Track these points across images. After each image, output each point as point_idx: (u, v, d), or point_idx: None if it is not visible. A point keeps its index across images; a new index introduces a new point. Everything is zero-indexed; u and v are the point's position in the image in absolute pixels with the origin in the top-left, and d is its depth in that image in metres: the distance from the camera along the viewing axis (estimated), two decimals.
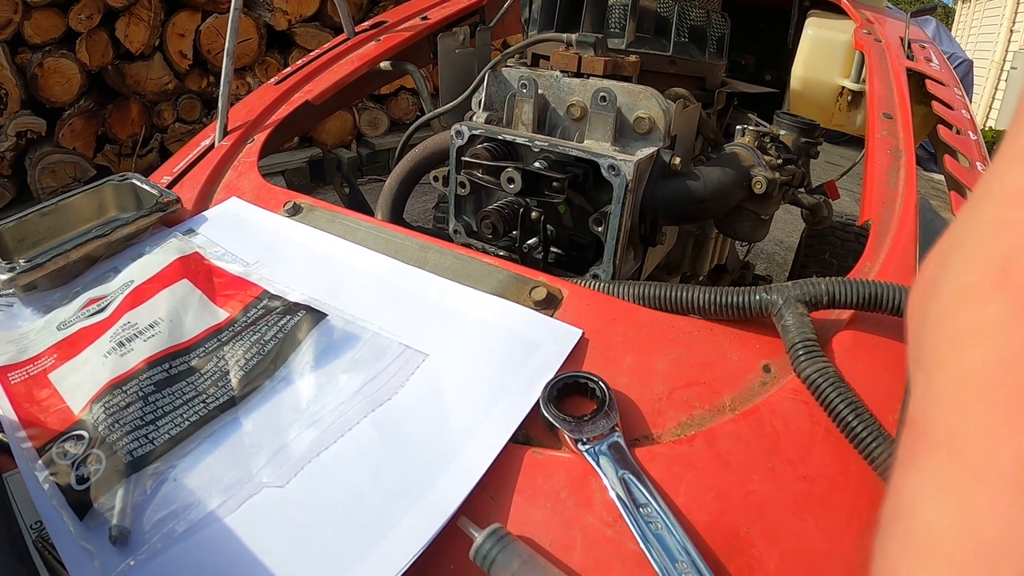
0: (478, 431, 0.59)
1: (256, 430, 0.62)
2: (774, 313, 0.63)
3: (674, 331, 0.67)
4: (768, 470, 0.56)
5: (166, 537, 0.54)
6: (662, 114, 0.87)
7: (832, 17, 1.51)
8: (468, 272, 0.78)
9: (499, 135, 0.89)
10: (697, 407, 0.61)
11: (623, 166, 0.80)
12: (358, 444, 0.60)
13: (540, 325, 0.69)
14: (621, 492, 0.54)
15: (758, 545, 0.52)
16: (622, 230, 0.83)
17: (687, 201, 0.90)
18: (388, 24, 1.54)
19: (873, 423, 0.53)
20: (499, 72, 0.99)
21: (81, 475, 0.58)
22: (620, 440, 0.57)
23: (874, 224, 0.80)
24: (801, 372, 0.58)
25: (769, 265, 3.42)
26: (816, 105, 1.47)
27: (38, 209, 0.96)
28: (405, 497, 0.55)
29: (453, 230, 0.98)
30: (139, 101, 3.57)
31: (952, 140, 1.06)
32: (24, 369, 0.73)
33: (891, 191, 0.86)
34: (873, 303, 0.61)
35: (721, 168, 0.94)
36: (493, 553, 0.51)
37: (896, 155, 0.94)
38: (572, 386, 0.62)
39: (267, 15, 3.76)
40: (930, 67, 1.33)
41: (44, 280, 0.86)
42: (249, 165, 1.11)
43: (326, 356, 0.69)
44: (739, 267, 1.86)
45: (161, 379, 0.67)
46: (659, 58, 1.09)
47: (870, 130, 1.02)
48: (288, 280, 0.81)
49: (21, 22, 3.03)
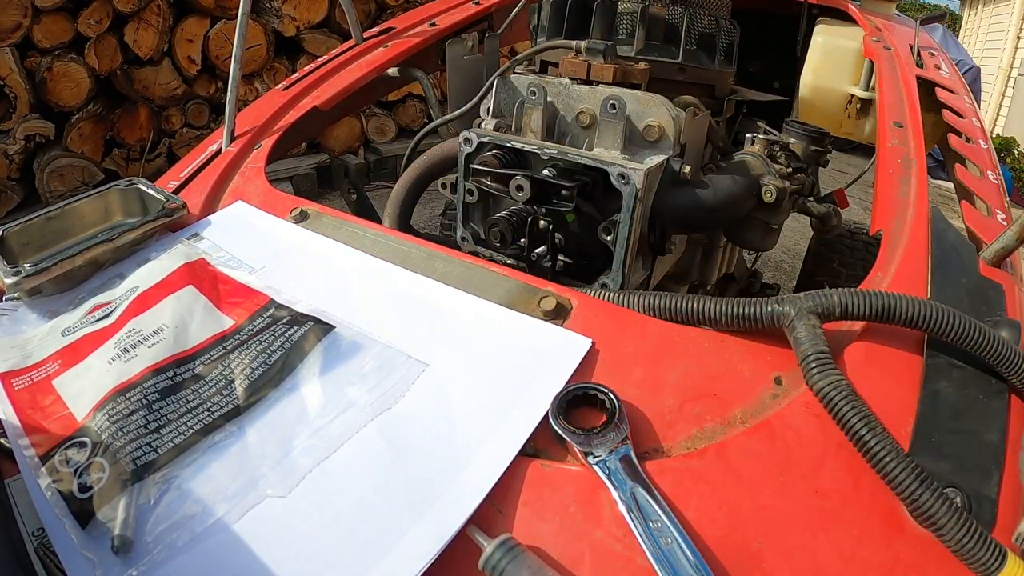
0: (487, 443, 0.59)
1: (261, 440, 0.62)
2: (786, 325, 0.62)
3: (684, 342, 0.67)
4: (780, 484, 0.55)
5: (169, 548, 0.54)
6: (672, 122, 0.87)
7: (841, 25, 1.50)
8: (476, 281, 0.77)
9: (508, 142, 0.89)
10: (708, 420, 0.60)
11: (633, 174, 0.79)
12: (364, 455, 0.59)
13: (549, 335, 0.68)
14: (631, 506, 0.53)
15: (769, 561, 0.51)
16: (631, 239, 0.82)
17: (697, 210, 0.89)
18: (396, 30, 1.54)
19: (886, 437, 0.52)
20: (508, 79, 0.99)
21: (84, 483, 0.58)
22: (630, 453, 0.56)
23: (885, 234, 0.80)
24: (813, 385, 0.57)
25: (777, 273, 3.40)
26: (825, 113, 1.46)
27: (44, 213, 0.96)
28: (412, 509, 0.55)
29: (461, 238, 0.97)
30: (147, 106, 3.58)
31: (962, 148, 1.05)
32: (28, 375, 0.73)
33: (902, 200, 0.85)
34: (886, 315, 0.60)
35: (731, 177, 0.94)
36: (503, 564, 0.50)
37: (907, 164, 0.93)
38: (582, 397, 0.61)
39: (275, 21, 3.77)
40: (940, 75, 1.32)
41: (49, 285, 0.86)
42: (256, 171, 1.10)
43: (333, 368, 0.68)
44: (747, 276, 1.84)
45: (165, 387, 0.67)
46: (668, 66, 1.09)
47: (880, 138, 1.01)
48: (294, 287, 0.80)
49: (31, 26, 3.05)
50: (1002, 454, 0.55)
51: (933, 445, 0.56)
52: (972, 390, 0.59)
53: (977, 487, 0.53)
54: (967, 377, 0.60)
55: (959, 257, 0.75)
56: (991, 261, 0.74)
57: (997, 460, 0.55)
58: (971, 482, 0.53)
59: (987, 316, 0.67)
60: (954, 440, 0.56)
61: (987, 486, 0.53)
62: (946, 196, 4.51)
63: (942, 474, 0.53)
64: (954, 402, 0.58)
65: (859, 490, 0.54)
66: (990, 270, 0.73)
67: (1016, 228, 0.72)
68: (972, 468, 0.54)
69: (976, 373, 0.60)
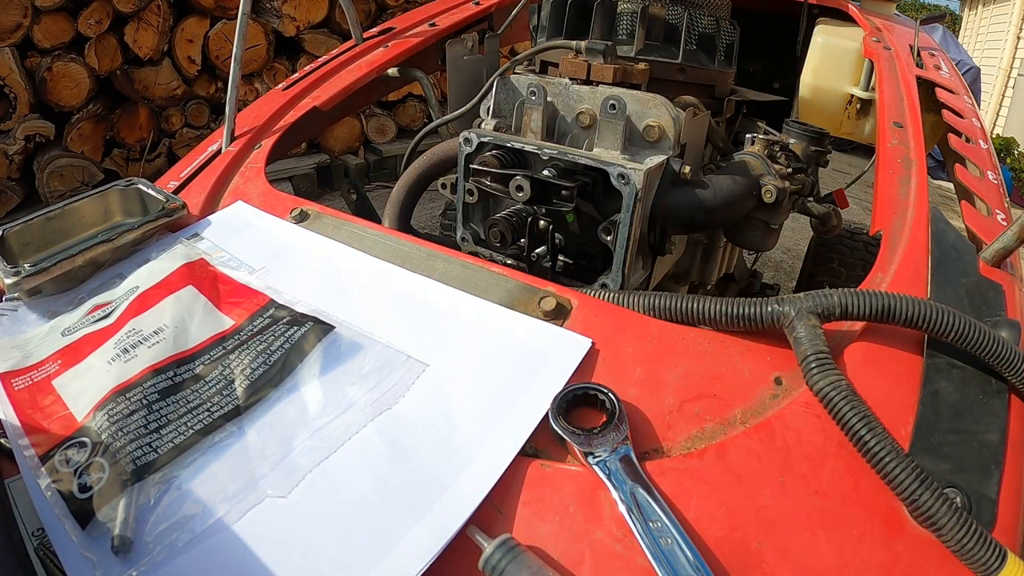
0: (487, 443, 0.59)
1: (261, 440, 0.62)
2: (786, 325, 0.62)
3: (684, 342, 0.67)
4: (780, 484, 0.55)
5: (169, 548, 0.54)
6: (672, 122, 0.87)
7: (841, 25, 1.50)
8: (476, 281, 0.77)
9: (508, 143, 0.88)
10: (708, 420, 0.60)
11: (633, 175, 0.79)
12: (364, 455, 0.59)
13: (549, 335, 0.68)
14: (631, 506, 0.53)
15: (769, 561, 0.51)
16: (631, 239, 0.82)
17: (697, 210, 0.89)
18: (396, 30, 1.54)
19: (886, 437, 0.52)
20: (508, 79, 0.99)
21: (84, 483, 0.58)
22: (630, 453, 0.56)
23: (885, 234, 0.80)
24: (813, 385, 0.57)
25: (776, 273, 3.40)
26: (825, 113, 1.46)
27: (44, 213, 0.96)
28: (412, 509, 0.55)
29: (461, 238, 0.97)
30: (147, 106, 3.58)
31: (962, 149, 1.05)
32: (28, 375, 0.73)
33: (902, 201, 0.85)
34: (886, 315, 0.60)
35: (731, 177, 0.93)
36: (503, 564, 0.50)
37: (907, 164, 0.93)
38: (582, 398, 0.61)
39: (275, 21, 3.77)
40: (940, 75, 1.32)
41: (49, 285, 0.86)
42: (256, 171, 1.10)
43: (333, 368, 0.68)
44: (747, 276, 1.84)
45: (165, 387, 0.67)
46: (668, 66, 1.09)
47: (880, 139, 1.01)
48: (294, 287, 0.80)
49: (31, 26, 3.05)
50: (1002, 454, 0.55)
51: (933, 445, 0.56)
52: (972, 390, 0.59)
53: (977, 487, 0.53)
54: (967, 377, 0.60)
55: (959, 257, 0.75)
56: (991, 261, 0.74)
57: (997, 460, 0.55)
58: (971, 482, 0.53)
59: (987, 316, 0.67)
60: (954, 440, 0.56)
61: (987, 486, 0.53)
62: (946, 196, 4.51)
63: (942, 474, 0.54)
64: (954, 402, 0.58)
65: (859, 490, 0.53)
66: (990, 270, 0.73)
67: (1016, 228, 0.72)
68: (972, 468, 0.54)
69: (976, 373, 0.60)
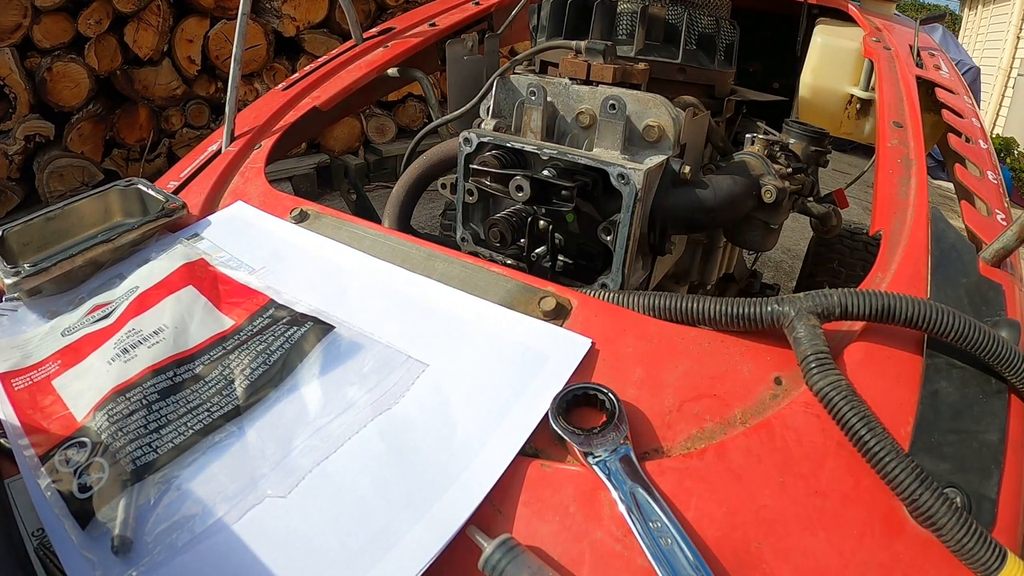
0: (487, 443, 0.59)
1: (261, 440, 0.62)
2: (786, 325, 0.62)
3: (684, 342, 0.67)
4: (780, 484, 0.55)
5: (168, 548, 0.54)
6: (671, 122, 0.87)
7: (841, 25, 1.50)
8: (476, 281, 0.77)
9: (508, 143, 0.88)
10: (708, 420, 0.60)
11: (633, 175, 0.79)
12: (364, 455, 0.59)
13: (549, 336, 0.68)
14: (631, 506, 0.53)
15: (769, 561, 0.51)
16: (631, 239, 0.82)
17: (697, 210, 0.89)
18: (396, 30, 1.54)
19: (886, 437, 0.52)
20: (508, 79, 0.99)
21: (83, 483, 0.58)
22: (630, 453, 0.56)
23: (885, 234, 0.80)
24: (813, 385, 0.57)
25: (776, 273, 3.40)
26: (825, 113, 1.46)
27: (44, 213, 0.96)
28: (412, 509, 0.55)
29: (460, 238, 0.97)
30: (147, 106, 3.58)
31: (962, 149, 1.05)
32: (28, 375, 0.73)
33: (902, 201, 0.85)
34: (886, 315, 0.60)
35: (731, 177, 0.93)
36: (503, 564, 0.50)
37: (907, 164, 0.93)
38: (581, 398, 0.61)
39: (275, 21, 3.77)
40: (940, 75, 1.32)
41: (49, 285, 0.86)
42: (256, 171, 1.10)
43: (333, 368, 0.68)
44: (747, 276, 1.84)
45: (165, 387, 0.67)
46: (668, 66, 1.09)
47: (880, 139, 1.01)
48: (293, 287, 0.80)
49: (30, 26, 3.05)
50: (1002, 454, 0.55)
51: (933, 445, 0.56)
52: (972, 390, 0.59)
53: (977, 487, 0.53)
54: (967, 377, 0.60)
55: (959, 257, 0.75)
56: (991, 261, 0.74)
57: (997, 460, 0.55)
58: (971, 482, 0.53)
59: (987, 316, 0.67)
60: (954, 440, 0.56)
61: (987, 486, 0.53)
62: (946, 196, 4.51)
63: (942, 474, 0.54)
64: (954, 402, 0.58)
65: (859, 490, 0.53)
66: (990, 270, 0.73)
67: (1016, 228, 0.72)
68: (972, 468, 0.54)
69: (976, 373, 0.60)
